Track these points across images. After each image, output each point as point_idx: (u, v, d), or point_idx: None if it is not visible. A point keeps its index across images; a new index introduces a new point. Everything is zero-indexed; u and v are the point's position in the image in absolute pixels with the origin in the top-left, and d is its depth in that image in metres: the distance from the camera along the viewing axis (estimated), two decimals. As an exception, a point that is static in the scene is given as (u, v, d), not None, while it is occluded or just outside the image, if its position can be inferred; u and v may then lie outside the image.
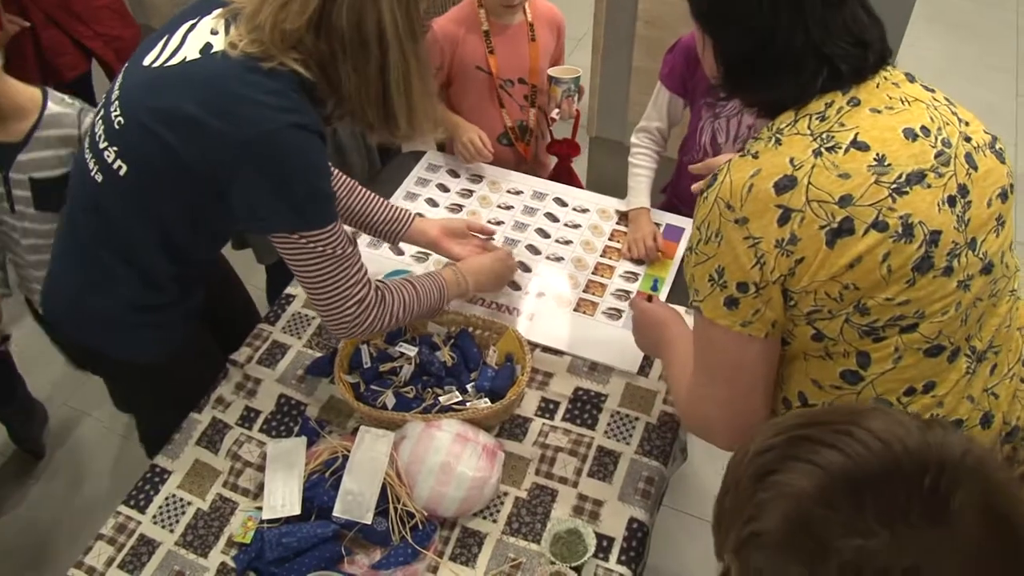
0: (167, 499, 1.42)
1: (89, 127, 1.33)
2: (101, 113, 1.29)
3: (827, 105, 1.00)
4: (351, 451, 1.38)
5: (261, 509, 1.36)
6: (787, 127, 1.01)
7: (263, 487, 1.38)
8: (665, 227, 1.90)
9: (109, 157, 1.25)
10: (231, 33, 1.18)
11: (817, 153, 0.97)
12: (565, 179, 2.18)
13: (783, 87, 1.02)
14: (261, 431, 1.51)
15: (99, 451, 2.23)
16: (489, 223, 1.92)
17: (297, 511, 1.34)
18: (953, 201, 0.99)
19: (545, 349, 1.64)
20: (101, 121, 1.28)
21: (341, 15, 1.13)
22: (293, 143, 1.17)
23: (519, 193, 2.01)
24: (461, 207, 1.98)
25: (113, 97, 1.26)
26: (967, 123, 1.06)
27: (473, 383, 1.52)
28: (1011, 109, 3.71)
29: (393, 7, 1.15)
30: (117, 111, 1.24)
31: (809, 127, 0.99)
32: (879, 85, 1.02)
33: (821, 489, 0.61)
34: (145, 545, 1.36)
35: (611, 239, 1.89)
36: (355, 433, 1.41)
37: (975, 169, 1.02)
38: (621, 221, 1.93)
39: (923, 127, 1.00)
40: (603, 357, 1.61)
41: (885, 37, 1.03)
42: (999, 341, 1.10)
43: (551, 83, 1.98)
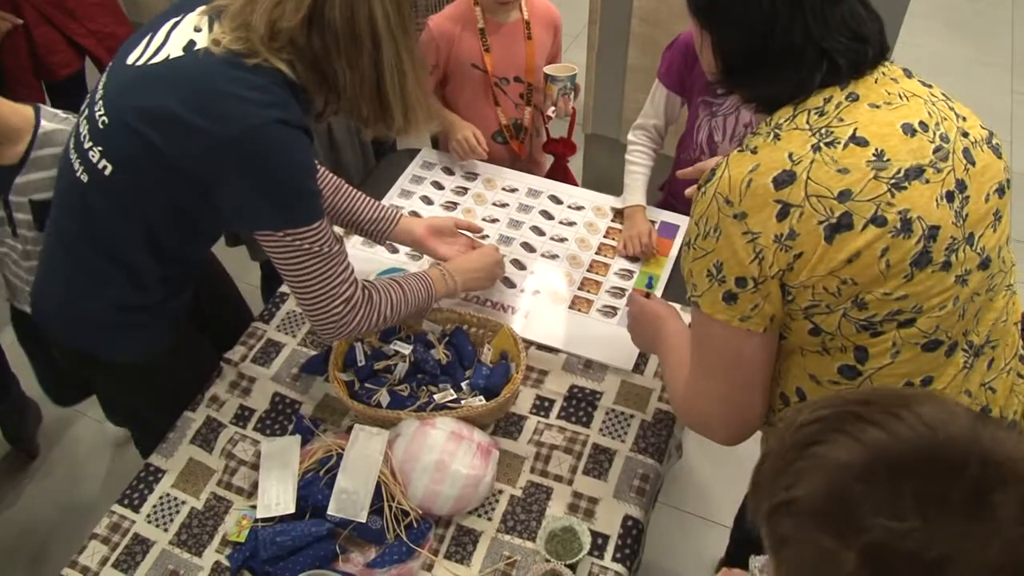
0: (161, 498, 1.41)
1: (74, 127, 1.31)
2: (85, 113, 1.28)
3: (826, 100, 1.00)
4: (345, 449, 1.37)
5: (255, 508, 1.35)
6: (786, 122, 1.01)
7: (257, 486, 1.38)
8: (660, 224, 1.90)
9: (94, 157, 1.24)
10: (214, 30, 1.17)
11: (816, 148, 0.97)
12: (561, 178, 2.18)
13: (782, 82, 1.02)
14: (255, 429, 1.51)
15: (93, 450, 2.23)
16: (484, 221, 1.91)
17: (291, 510, 1.34)
18: (951, 196, 0.99)
19: (540, 347, 1.63)
20: (86, 121, 1.27)
21: (334, 10, 1.13)
22: (277, 139, 1.16)
23: (514, 191, 2.01)
24: (456, 204, 1.97)
25: (97, 96, 1.25)
26: (964, 118, 1.06)
27: (468, 381, 1.52)
28: (1006, 106, 3.72)
29: (384, 1, 1.15)
30: (101, 110, 1.23)
31: (808, 122, 0.99)
32: (877, 80, 1.02)
33: (862, 466, 0.60)
34: (139, 544, 1.36)
35: (606, 236, 1.89)
36: (349, 431, 1.41)
37: (973, 164, 1.02)
38: (616, 218, 1.93)
39: (921, 122, 1.00)
40: (598, 355, 1.61)
41: (883, 32, 1.03)
42: (996, 336, 1.11)
43: (547, 81, 1.97)
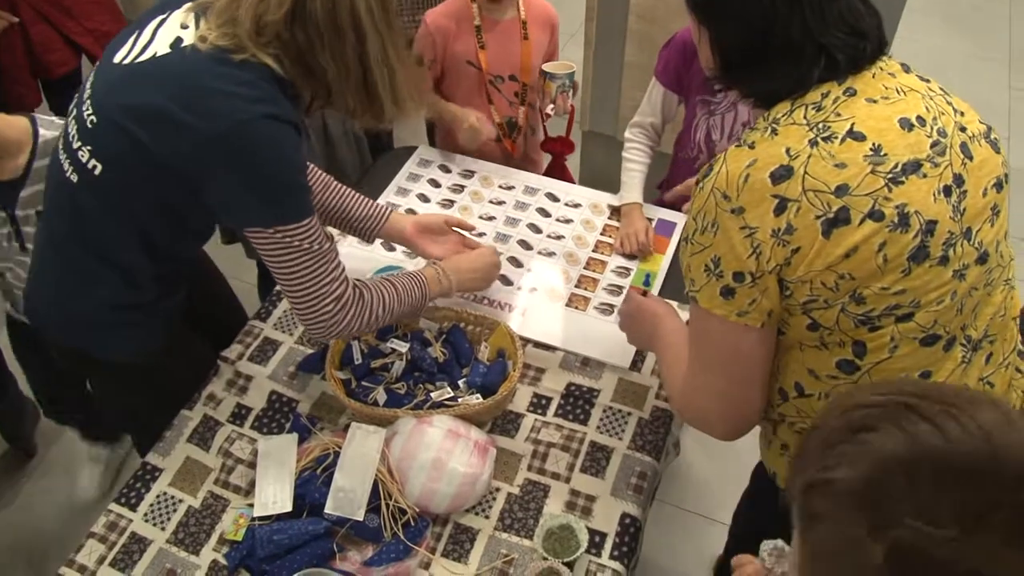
0: (158, 497, 1.41)
1: (62, 128, 1.31)
2: (74, 112, 1.27)
3: (823, 95, 1.00)
4: (342, 448, 1.37)
5: (252, 506, 1.35)
6: (783, 117, 1.01)
7: (254, 484, 1.38)
8: (657, 222, 1.90)
9: (83, 157, 1.23)
10: (201, 27, 1.17)
11: (813, 143, 0.97)
12: (559, 176, 2.18)
13: (780, 78, 1.02)
14: (252, 428, 1.50)
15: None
16: (480, 218, 1.91)
17: (288, 508, 1.33)
18: (949, 191, 0.99)
19: (537, 344, 1.63)
20: (74, 121, 1.26)
21: (315, 3, 1.13)
22: (266, 133, 1.15)
23: (511, 188, 2.01)
24: (452, 202, 1.97)
25: (85, 96, 1.25)
26: (962, 113, 1.05)
27: (465, 379, 1.51)
28: (1004, 102, 3.72)
29: None
30: (89, 110, 1.22)
31: (805, 117, 0.99)
32: (875, 75, 1.02)
33: (908, 462, 0.59)
34: (136, 543, 1.35)
35: (603, 234, 1.89)
36: (346, 430, 1.40)
37: (970, 159, 1.02)
38: (613, 216, 1.93)
39: (919, 117, 1.00)
40: (595, 352, 1.61)
41: (882, 26, 1.03)
42: (994, 330, 1.11)
43: (545, 79, 1.97)
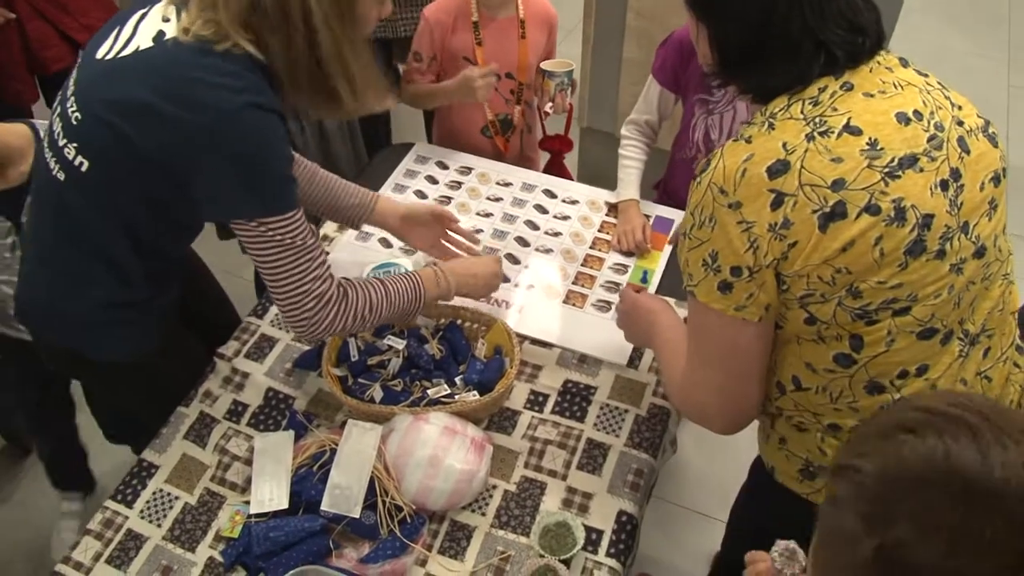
0: (154, 494, 1.41)
1: (47, 126, 1.29)
2: (58, 110, 1.26)
3: (820, 90, 1.00)
4: (339, 445, 1.37)
5: (249, 503, 1.35)
6: (780, 112, 1.01)
7: (251, 481, 1.37)
8: (655, 219, 1.90)
9: (69, 154, 1.22)
10: (183, 18, 1.16)
11: (810, 137, 0.97)
12: (557, 174, 2.17)
13: (779, 74, 1.01)
14: (249, 425, 1.50)
15: (88, 446, 2.21)
16: (478, 215, 1.91)
17: (285, 505, 1.33)
18: (946, 185, 0.99)
19: (534, 341, 1.63)
20: (59, 118, 1.25)
21: None
22: (251, 123, 1.14)
23: (508, 185, 2.01)
24: (450, 199, 1.97)
25: (69, 93, 1.24)
26: (960, 107, 1.05)
27: (461, 376, 1.51)
28: (1003, 99, 3.72)
29: None
30: (73, 107, 1.22)
31: (802, 112, 0.99)
32: (872, 70, 1.02)
33: (935, 474, 0.58)
34: (132, 540, 1.35)
35: (601, 231, 1.88)
36: (343, 427, 1.40)
37: (968, 153, 1.02)
38: (611, 213, 1.93)
39: (916, 111, 1.00)
40: (592, 349, 1.61)
41: (880, 21, 1.03)
42: (992, 325, 1.11)
43: (544, 77, 1.96)
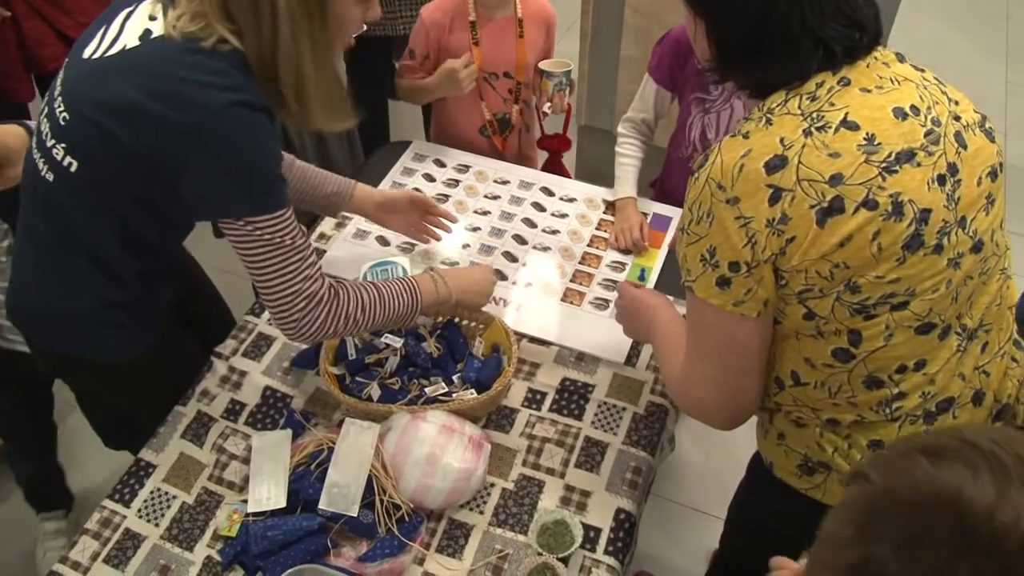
0: (152, 493, 1.41)
1: (36, 127, 1.29)
2: (46, 111, 1.25)
3: (817, 85, 1.00)
4: (336, 443, 1.37)
5: (246, 502, 1.34)
6: (778, 107, 1.01)
7: (248, 480, 1.37)
8: (653, 217, 1.90)
9: (58, 155, 1.22)
10: (169, 16, 1.15)
11: (807, 133, 0.97)
12: (555, 173, 2.17)
13: (778, 69, 1.01)
14: (246, 424, 1.50)
15: (86, 446, 2.22)
16: (475, 213, 1.91)
17: (282, 504, 1.33)
18: (943, 180, 0.99)
19: (532, 339, 1.63)
20: (46, 119, 1.25)
21: None
22: (238, 120, 1.14)
23: (506, 183, 2.00)
24: (447, 197, 1.96)
25: (56, 93, 1.23)
26: (957, 102, 1.05)
27: (459, 374, 1.51)
28: (1000, 97, 3.72)
29: None
30: (61, 107, 1.21)
31: (799, 107, 0.99)
32: (869, 65, 1.02)
33: (937, 503, 0.55)
34: (130, 539, 1.35)
35: (598, 229, 1.88)
36: (341, 425, 1.40)
37: (964, 148, 1.02)
38: (608, 210, 1.92)
39: (913, 106, 1.00)
40: (590, 347, 1.60)
41: (879, 17, 1.03)
42: (990, 319, 1.11)
43: (542, 76, 1.96)
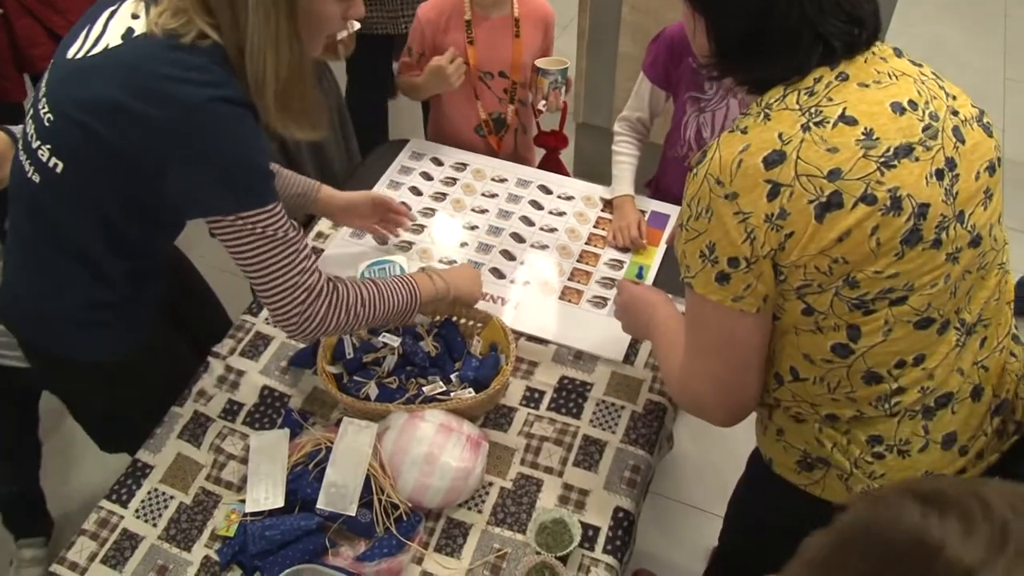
0: (149, 493, 1.40)
1: (22, 128, 1.28)
2: (31, 112, 1.25)
3: (816, 80, 1.00)
4: (334, 443, 1.36)
5: (244, 502, 1.34)
6: (776, 102, 1.00)
7: (246, 480, 1.37)
8: (651, 214, 1.89)
9: (44, 156, 1.21)
10: (151, 13, 1.14)
11: (806, 128, 0.96)
12: (553, 171, 2.16)
13: (778, 65, 1.01)
14: (244, 424, 1.50)
15: (84, 446, 2.21)
16: (473, 211, 1.91)
17: (280, 504, 1.33)
18: (941, 174, 0.99)
19: (530, 338, 1.63)
20: (32, 120, 1.24)
21: None
22: (217, 116, 1.13)
23: (503, 181, 2.00)
24: (445, 195, 1.96)
25: (40, 95, 1.23)
26: (954, 97, 1.05)
27: (457, 373, 1.51)
28: (998, 93, 3.72)
29: None
30: (45, 108, 1.21)
31: (798, 102, 0.99)
32: (867, 60, 1.02)
33: (914, 552, 0.53)
34: (128, 540, 1.35)
35: (596, 227, 1.88)
36: (339, 425, 1.40)
37: (962, 142, 1.01)
38: (606, 208, 1.92)
39: (911, 101, 1.00)
40: (588, 345, 1.60)
41: (878, 12, 1.03)
42: (988, 314, 1.11)
43: (538, 74, 1.95)
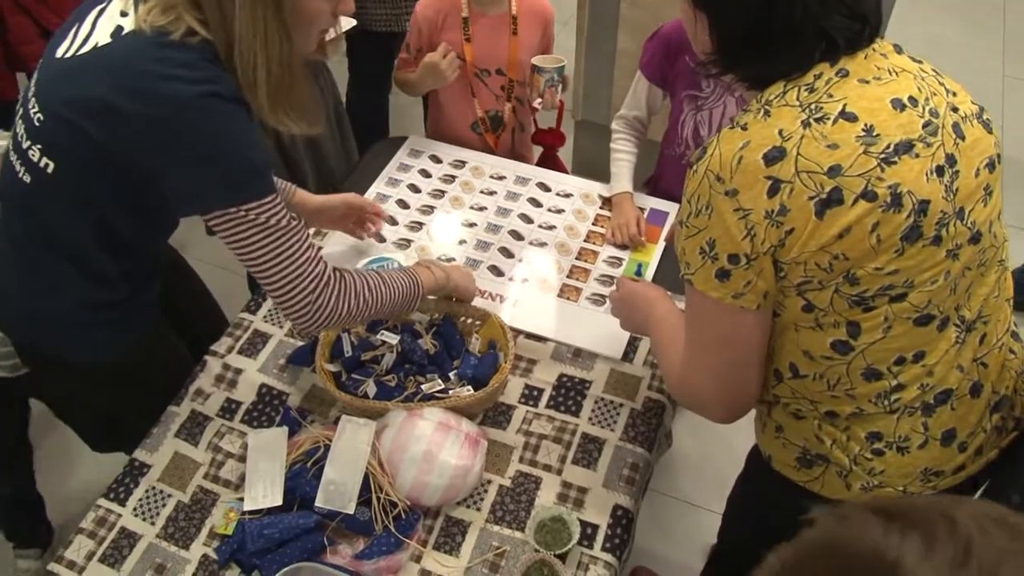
0: (147, 491, 1.40)
1: (12, 129, 1.28)
2: (20, 112, 1.24)
3: (816, 76, 0.99)
4: (333, 441, 1.36)
5: (243, 500, 1.34)
6: (776, 99, 1.00)
7: (244, 478, 1.37)
8: (649, 212, 1.89)
9: (34, 156, 1.21)
10: (140, 10, 1.14)
11: (806, 124, 0.96)
12: (551, 168, 2.16)
13: (780, 61, 1.01)
14: (242, 422, 1.49)
15: (82, 445, 2.21)
16: (471, 209, 1.91)
17: (279, 502, 1.33)
18: (941, 171, 0.98)
19: (529, 336, 1.62)
20: (21, 121, 1.23)
21: None
22: (207, 112, 1.12)
23: (502, 178, 2.00)
24: (443, 192, 1.96)
25: (30, 94, 1.22)
26: (954, 94, 1.05)
27: (456, 371, 1.50)
28: (998, 90, 3.71)
29: None
30: (35, 108, 1.20)
31: (798, 98, 0.99)
32: (867, 56, 1.02)
33: (868, 568, 0.52)
34: (126, 538, 1.35)
35: (595, 224, 1.88)
36: (337, 423, 1.40)
37: (962, 139, 1.01)
38: (605, 206, 1.92)
39: (911, 97, 1.00)
40: (587, 343, 1.60)
41: (880, 8, 1.02)
42: (988, 311, 1.11)
43: (534, 72, 1.95)
